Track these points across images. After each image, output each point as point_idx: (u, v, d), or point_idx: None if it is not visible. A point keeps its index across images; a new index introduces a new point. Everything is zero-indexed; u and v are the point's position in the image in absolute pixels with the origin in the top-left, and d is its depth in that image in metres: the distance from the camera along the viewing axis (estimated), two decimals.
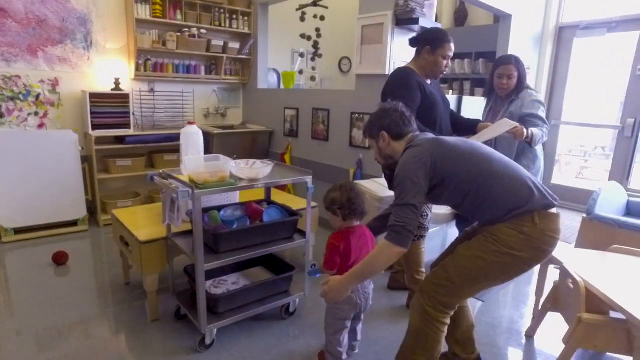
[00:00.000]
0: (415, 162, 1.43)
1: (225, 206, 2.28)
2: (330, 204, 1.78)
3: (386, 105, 1.66)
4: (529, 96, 2.49)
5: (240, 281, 2.36)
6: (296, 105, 4.16)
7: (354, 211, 1.75)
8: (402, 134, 1.60)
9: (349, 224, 1.79)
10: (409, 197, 1.39)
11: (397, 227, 1.38)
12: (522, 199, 1.39)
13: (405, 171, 1.43)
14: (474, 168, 1.44)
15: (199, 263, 1.83)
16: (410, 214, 1.38)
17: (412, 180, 1.40)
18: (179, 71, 4.25)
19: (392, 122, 1.60)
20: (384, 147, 1.64)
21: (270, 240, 2.15)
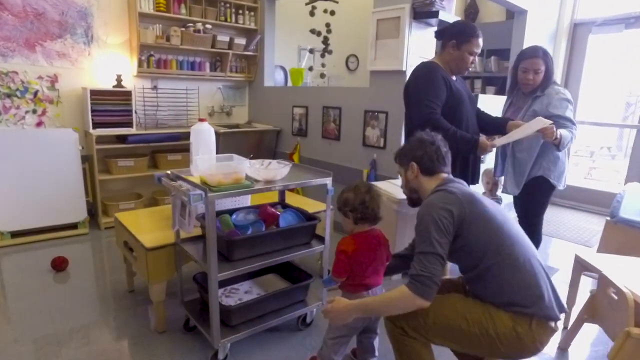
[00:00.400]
0: (445, 209, 1.31)
1: (237, 210, 2.12)
2: (343, 205, 1.65)
3: (424, 135, 1.54)
4: (556, 93, 2.31)
5: (253, 289, 2.21)
6: (305, 103, 4.00)
7: (367, 216, 1.63)
8: (433, 171, 1.49)
9: (360, 228, 1.66)
10: (436, 246, 1.27)
11: (423, 277, 1.26)
12: (529, 300, 1.29)
13: (432, 215, 1.31)
14: (496, 245, 1.32)
15: (212, 273, 1.68)
16: (437, 264, 1.27)
17: (439, 228, 1.29)
18: (183, 68, 4.09)
19: (425, 155, 1.49)
20: (411, 179, 1.54)
21: (287, 247, 1.99)
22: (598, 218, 4.65)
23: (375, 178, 3.31)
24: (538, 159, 2.38)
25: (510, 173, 2.47)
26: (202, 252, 1.91)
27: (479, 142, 2.05)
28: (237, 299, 2.09)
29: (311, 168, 2.15)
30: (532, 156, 2.37)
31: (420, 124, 2.05)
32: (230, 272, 1.74)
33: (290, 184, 1.86)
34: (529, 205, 2.49)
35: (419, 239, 1.32)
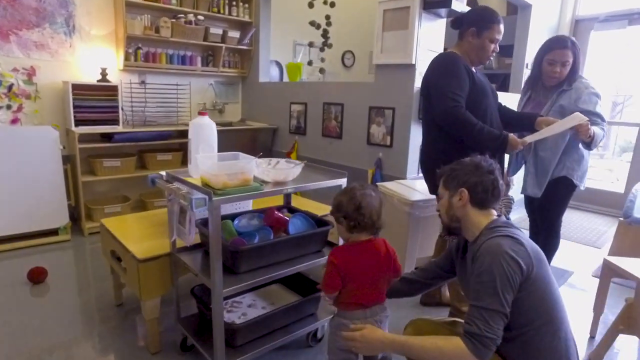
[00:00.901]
0: (516, 262, 1.12)
1: (239, 214, 1.90)
2: (335, 210, 1.43)
3: (481, 161, 1.29)
4: (585, 88, 2.14)
5: (257, 302, 1.98)
6: (304, 100, 3.79)
7: (362, 225, 1.40)
8: (485, 205, 1.27)
9: (357, 237, 1.44)
10: (504, 304, 1.10)
11: (487, 339, 1.08)
12: None
13: (503, 266, 1.11)
14: (551, 317, 1.17)
15: (217, 288, 1.45)
16: (501, 325, 1.10)
17: (509, 283, 1.10)
18: (174, 62, 3.84)
19: (480, 184, 1.25)
20: (457, 206, 1.29)
21: (298, 256, 1.78)
22: (601, 218, 4.56)
23: (381, 178, 3.11)
24: (562, 158, 2.21)
25: (531, 173, 2.30)
26: (202, 263, 1.69)
27: (508, 139, 1.86)
28: (241, 314, 1.87)
29: (323, 168, 1.94)
30: (557, 155, 2.21)
31: (444, 119, 1.86)
32: (236, 287, 1.52)
33: (304, 185, 1.65)
34: (550, 207, 2.33)
35: (481, 289, 1.12)
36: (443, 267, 1.48)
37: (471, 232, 1.27)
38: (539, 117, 2.06)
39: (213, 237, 1.40)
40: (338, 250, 1.44)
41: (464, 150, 1.61)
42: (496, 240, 1.15)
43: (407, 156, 2.98)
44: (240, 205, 2.10)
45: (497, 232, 1.18)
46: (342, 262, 1.39)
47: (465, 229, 1.30)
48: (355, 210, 1.39)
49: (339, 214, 1.43)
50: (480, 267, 1.13)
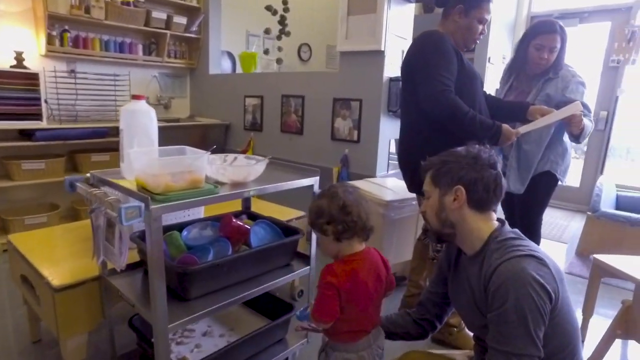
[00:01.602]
0: (544, 290, 0.89)
1: (188, 224, 1.56)
2: (315, 217, 1.15)
3: (480, 151, 1.04)
4: (572, 76, 2.00)
5: (214, 329, 1.64)
6: (260, 93, 3.45)
7: (352, 227, 1.12)
8: (486, 206, 1.03)
9: (348, 249, 1.16)
10: (539, 346, 0.89)
11: None
12: None
13: (533, 298, 0.88)
14: (574, 345, 0.98)
15: (160, 323, 1.11)
16: None
17: (541, 316, 0.89)
18: (110, 49, 3.36)
19: (480, 181, 1.00)
20: (450, 208, 1.03)
21: (262, 273, 1.46)
22: (559, 212, 4.59)
23: (348, 177, 2.85)
24: (545, 151, 2.06)
25: (514, 168, 2.12)
26: (142, 288, 1.33)
27: (502, 129, 1.66)
28: (194, 346, 1.52)
29: (289, 165, 1.64)
30: (541, 148, 2.05)
31: (431, 104, 1.62)
32: (185, 320, 1.18)
33: (269, 187, 1.33)
34: (533, 204, 2.17)
35: (508, 330, 0.89)
36: (443, 295, 1.22)
37: (470, 241, 1.04)
38: (531, 106, 1.88)
39: (153, 256, 1.05)
40: (335, 267, 1.13)
41: (454, 141, 1.36)
42: (517, 262, 0.91)
43: (377, 152, 2.74)
44: (190, 213, 1.75)
45: (513, 248, 0.94)
46: (344, 282, 1.10)
47: (461, 237, 1.05)
48: (340, 211, 1.12)
49: (322, 221, 1.14)
50: (502, 302, 0.89)
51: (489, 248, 0.98)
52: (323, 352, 1.22)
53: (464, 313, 1.12)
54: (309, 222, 1.19)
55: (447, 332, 1.89)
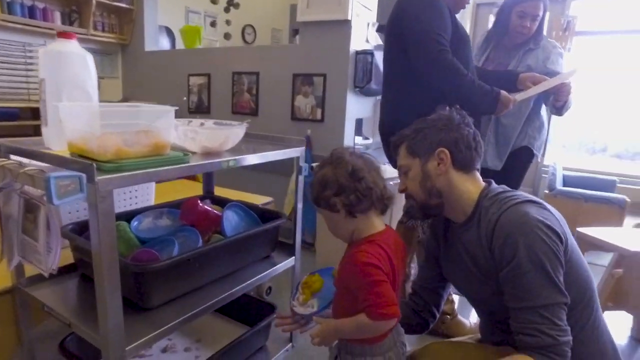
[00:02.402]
0: (553, 231, 0.84)
1: (137, 212, 1.22)
2: (320, 190, 0.90)
3: (452, 113, 0.99)
4: (553, 47, 1.93)
5: (176, 343, 1.32)
6: (207, 70, 3.08)
7: (367, 196, 0.89)
8: (471, 166, 0.98)
9: (367, 227, 0.93)
10: (563, 290, 0.83)
11: (563, 346, 0.80)
12: None
13: (542, 241, 0.83)
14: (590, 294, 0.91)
15: (114, 346, 0.78)
16: (564, 316, 0.83)
17: (557, 257, 0.83)
18: (16, 13, 2.78)
19: (461, 140, 0.96)
20: (436, 174, 0.96)
21: (240, 268, 1.17)
22: None
23: (312, 160, 2.60)
24: (523, 126, 1.97)
25: (492, 144, 2.01)
26: (79, 300, 0.99)
27: (500, 95, 1.50)
28: None
29: (266, 136, 1.35)
30: (520, 122, 1.95)
31: (428, 66, 1.43)
32: (148, 338, 0.86)
33: (251, 156, 1.05)
34: (510, 180, 2.06)
35: (529, 283, 0.82)
36: (437, 277, 1.12)
37: (460, 207, 0.97)
38: (521, 74, 1.75)
39: (102, 252, 0.72)
40: (366, 248, 0.87)
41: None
42: (518, 209, 0.86)
43: (343, 132, 2.51)
44: (138, 199, 1.40)
45: (509, 198, 0.90)
46: (384, 267, 0.86)
47: (450, 204, 0.97)
48: (350, 177, 0.88)
49: (328, 193, 0.88)
50: (513, 253, 0.83)
51: (482, 207, 0.93)
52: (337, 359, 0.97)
53: (466, 288, 1.03)
54: (312, 197, 0.92)
55: (439, 321, 1.72)
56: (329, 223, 0.93)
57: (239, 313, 1.44)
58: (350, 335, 0.90)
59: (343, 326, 0.89)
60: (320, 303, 1.07)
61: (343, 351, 0.96)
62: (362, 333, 0.89)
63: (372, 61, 2.46)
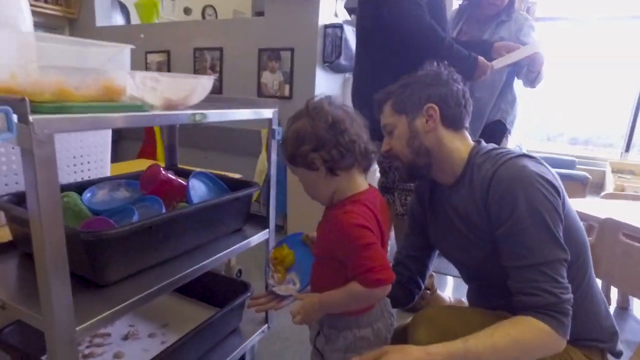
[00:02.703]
0: (551, 184, 0.81)
1: (90, 184, 1.09)
2: (295, 145, 0.80)
3: (440, 68, 0.94)
4: (525, 20, 1.92)
5: (139, 330, 1.19)
6: (166, 47, 2.89)
7: (351, 150, 0.79)
8: (461, 124, 0.93)
9: (347, 185, 0.83)
10: (563, 245, 0.78)
11: (565, 304, 0.76)
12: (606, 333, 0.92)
13: (541, 194, 0.79)
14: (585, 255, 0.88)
15: (61, 326, 0.66)
16: (565, 273, 0.79)
17: (556, 211, 0.80)
18: None
19: (450, 95, 0.90)
20: (424, 131, 0.91)
21: (209, 241, 1.06)
22: None
23: None
24: (497, 99, 1.96)
25: None
26: (18, 279, 0.85)
27: (478, 61, 1.47)
28: (112, 357, 1.06)
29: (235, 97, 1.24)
30: (494, 96, 1.94)
31: (405, 28, 1.37)
32: (102, 317, 0.74)
33: (221, 112, 0.93)
34: None
35: (530, 239, 0.78)
36: (422, 246, 1.08)
37: (449, 166, 0.92)
38: (496, 42, 1.72)
39: (45, 214, 0.60)
40: (351, 208, 0.78)
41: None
42: (515, 163, 0.82)
43: None
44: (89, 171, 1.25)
45: (504, 154, 0.86)
46: (373, 226, 0.78)
47: (439, 163, 0.92)
48: (330, 130, 0.78)
49: (305, 148, 0.78)
50: (512, 208, 0.78)
51: (473, 165, 0.88)
52: (320, 336, 0.88)
53: (456, 254, 0.99)
54: (287, 154, 0.82)
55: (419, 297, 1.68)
56: (306, 184, 0.84)
57: (209, 295, 1.32)
58: (340, 308, 0.81)
59: (330, 299, 0.80)
60: (300, 277, 0.98)
61: (326, 326, 0.88)
62: (354, 304, 0.81)
63: (342, 36, 2.37)
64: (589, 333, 0.88)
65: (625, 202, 2.01)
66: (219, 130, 2.71)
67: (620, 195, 2.18)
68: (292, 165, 0.83)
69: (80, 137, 1.19)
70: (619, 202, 1.97)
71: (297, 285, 0.97)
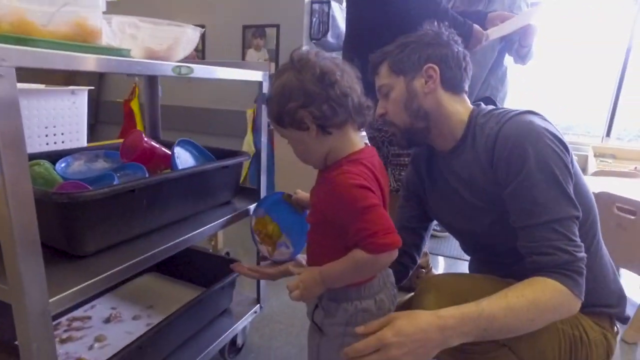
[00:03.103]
0: (559, 139, 0.77)
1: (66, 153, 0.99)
2: (282, 103, 0.72)
3: (440, 28, 0.88)
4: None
5: (122, 311, 1.11)
6: None
7: (343, 105, 0.72)
8: (460, 87, 0.88)
9: (342, 144, 0.76)
10: (574, 201, 0.74)
11: (580, 262, 0.71)
12: (614, 298, 0.89)
13: (550, 149, 0.75)
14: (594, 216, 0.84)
15: (32, 297, 0.57)
16: (577, 231, 0.74)
17: (566, 167, 0.75)
18: None
19: (451, 56, 0.85)
20: (423, 93, 0.85)
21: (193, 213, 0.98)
22: None
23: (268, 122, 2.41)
24: (487, 75, 1.92)
25: None
26: None
27: (473, 28, 1.42)
28: (93, 340, 0.98)
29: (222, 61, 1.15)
30: (485, 71, 1.89)
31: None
32: (80, 288, 0.65)
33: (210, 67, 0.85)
34: None
35: (540, 196, 0.73)
36: (418, 217, 1.02)
37: (448, 129, 0.86)
38: (490, 13, 1.67)
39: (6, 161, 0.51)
40: (348, 168, 0.71)
41: None
42: (521, 118, 0.78)
43: None
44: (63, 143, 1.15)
45: (507, 111, 0.82)
46: (374, 186, 0.71)
47: (438, 127, 0.87)
48: (319, 82, 0.70)
49: (293, 105, 0.70)
50: (521, 163, 0.74)
51: (475, 125, 0.84)
52: (318, 309, 0.82)
53: (459, 223, 0.93)
54: (273, 115, 0.74)
55: (414, 276, 1.64)
56: (296, 146, 0.76)
57: (197, 275, 1.24)
58: (343, 280, 0.74)
59: (332, 271, 0.73)
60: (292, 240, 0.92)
61: (325, 298, 0.81)
62: (358, 275, 0.74)
63: (329, 12, 2.29)
64: (599, 298, 0.85)
65: (614, 178, 2.01)
66: (203, 112, 2.60)
67: (609, 172, 2.19)
68: (280, 126, 0.75)
69: (52, 105, 1.09)
70: (609, 179, 1.96)
71: (290, 248, 0.91)
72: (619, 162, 2.66)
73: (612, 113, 3.04)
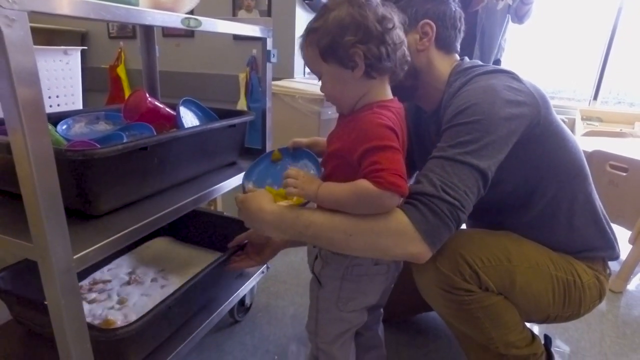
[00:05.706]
0: (517, 109, 0.73)
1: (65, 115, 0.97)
2: (338, 34, 0.67)
3: None
4: None
5: (140, 274, 1.10)
6: None
7: (395, 52, 0.70)
8: (452, 48, 0.87)
9: (377, 92, 0.73)
10: (483, 156, 0.69)
11: (436, 199, 0.67)
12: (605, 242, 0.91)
13: (493, 112, 0.71)
14: (580, 168, 0.86)
15: (56, 255, 0.57)
16: (474, 183, 0.69)
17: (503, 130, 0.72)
18: None
19: (450, 14, 0.83)
20: (416, 49, 0.83)
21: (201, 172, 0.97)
22: None
23: (258, 83, 2.37)
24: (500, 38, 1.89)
25: (477, 57, 1.92)
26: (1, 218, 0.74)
27: None
28: (116, 302, 0.98)
29: None
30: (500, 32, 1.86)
31: None
32: (99, 246, 0.65)
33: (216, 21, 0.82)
34: None
35: (453, 133, 0.72)
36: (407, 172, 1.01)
37: (433, 89, 0.86)
38: None
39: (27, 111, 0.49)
40: (382, 112, 0.70)
41: None
42: (483, 77, 0.77)
43: (294, 51, 2.28)
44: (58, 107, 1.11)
45: (474, 70, 0.80)
46: (400, 134, 0.70)
47: (425, 87, 0.86)
48: (379, 24, 0.67)
49: (351, 39, 0.67)
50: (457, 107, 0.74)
51: (452, 83, 0.82)
52: (317, 260, 0.82)
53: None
54: (322, 45, 0.69)
55: None
56: (333, 84, 0.73)
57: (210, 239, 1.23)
58: (338, 202, 0.68)
59: (333, 187, 0.69)
60: None
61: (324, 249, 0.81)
62: (356, 205, 0.67)
63: None
64: (592, 242, 0.88)
65: (605, 138, 2.05)
66: (194, 77, 2.54)
67: (599, 133, 2.23)
68: (323, 59, 0.70)
69: (45, 65, 1.05)
70: (600, 139, 2.00)
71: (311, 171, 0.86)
72: (605, 124, 2.71)
73: (599, 77, 3.05)
